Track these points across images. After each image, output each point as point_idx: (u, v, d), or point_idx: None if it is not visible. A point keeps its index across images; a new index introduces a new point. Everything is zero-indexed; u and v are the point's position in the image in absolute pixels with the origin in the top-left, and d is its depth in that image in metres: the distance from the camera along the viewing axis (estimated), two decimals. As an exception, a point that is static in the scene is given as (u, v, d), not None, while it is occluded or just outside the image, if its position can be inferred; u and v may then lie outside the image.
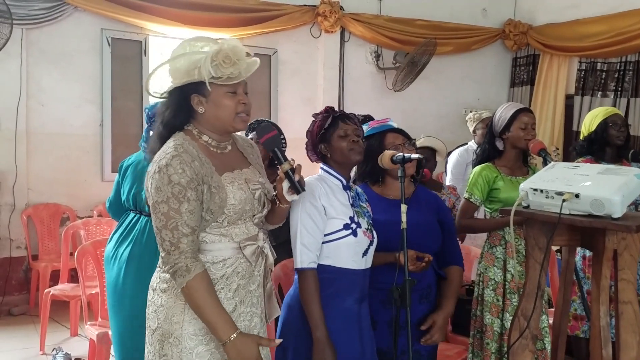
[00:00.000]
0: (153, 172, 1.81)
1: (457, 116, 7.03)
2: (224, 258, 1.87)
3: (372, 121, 2.52)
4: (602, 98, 6.41)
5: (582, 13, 6.57)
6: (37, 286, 5.13)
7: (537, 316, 2.04)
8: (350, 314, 2.19)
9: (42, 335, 4.21)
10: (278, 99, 6.38)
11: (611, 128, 3.33)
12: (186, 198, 1.77)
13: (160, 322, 1.86)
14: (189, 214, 1.77)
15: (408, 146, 2.45)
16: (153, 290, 1.93)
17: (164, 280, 1.88)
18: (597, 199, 1.80)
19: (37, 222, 5.30)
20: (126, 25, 5.59)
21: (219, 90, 1.85)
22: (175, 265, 1.78)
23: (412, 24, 6.77)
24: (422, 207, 2.49)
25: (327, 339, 2.06)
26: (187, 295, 1.79)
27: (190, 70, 1.81)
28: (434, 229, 2.48)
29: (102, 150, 5.62)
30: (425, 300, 2.44)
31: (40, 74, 5.35)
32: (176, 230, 1.77)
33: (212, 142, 1.92)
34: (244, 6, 5.95)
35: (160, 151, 1.85)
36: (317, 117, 2.30)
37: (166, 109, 1.91)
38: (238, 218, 1.88)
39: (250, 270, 1.92)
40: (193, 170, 1.79)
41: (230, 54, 1.80)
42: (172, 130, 1.89)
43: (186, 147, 1.83)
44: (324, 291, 2.11)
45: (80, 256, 3.52)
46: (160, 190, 1.78)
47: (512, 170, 3.06)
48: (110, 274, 3.05)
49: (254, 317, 1.96)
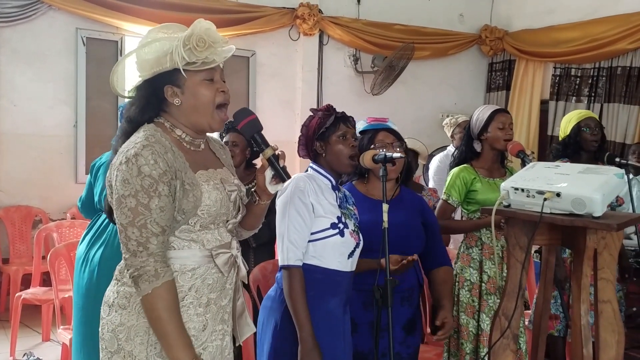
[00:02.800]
0: (119, 163, 1.61)
1: (434, 120, 7.08)
2: (194, 267, 1.69)
3: (371, 117, 2.51)
4: (577, 103, 6.51)
5: (557, 19, 6.68)
6: (7, 290, 5.02)
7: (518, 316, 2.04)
8: (334, 316, 2.17)
9: (13, 340, 4.10)
10: (256, 101, 6.35)
11: (584, 132, 3.36)
12: (157, 193, 1.58)
13: (122, 343, 1.65)
14: (160, 211, 1.59)
15: (397, 147, 2.43)
16: (109, 306, 1.69)
17: (124, 295, 1.67)
18: (578, 197, 1.81)
19: (8, 225, 5.17)
20: (102, 25, 5.51)
21: (194, 78, 1.69)
22: (141, 269, 1.57)
23: (390, 28, 6.80)
24: (406, 208, 2.48)
25: (313, 338, 2.04)
26: (148, 304, 1.58)
27: (161, 57, 1.66)
28: (417, 230, 2.47)
29: (76, 151, 5.51)
30: (407, 302, 2.43)
31: (12, 74, 5.24)
32: (144, 229, 1.57)
33: (185, 137, 1.74)
34: (222, 7, 5.92)
35: (128, 142, 1.66)
36: (316, 112, 2.26)
37: (132, 104, 1.74)
38: (211, 222, 1.71)
39: (222, 282, 1.75)
40: (166, 162, 1.61)
41: (204, 36, 1.66)
42: (138, 126, 1.71)
43: (158, 138, 1.66)
44: (309, 291, 2.08)
45: (53, 259, 3.45)
46: (127, 182, 1.58)
47: (490, 172, 3.07)
48: (81, 277, 2.97)
49: (225, 335, 1.79)
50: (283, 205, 2.13)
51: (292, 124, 6.49)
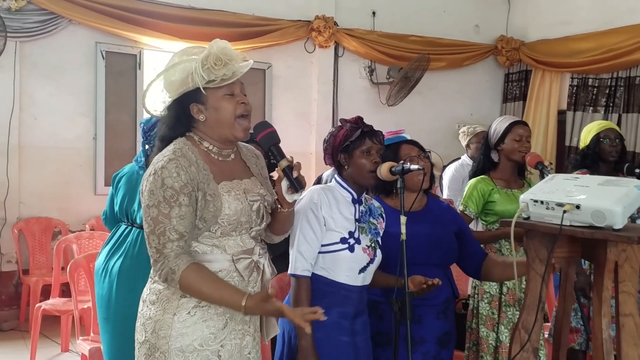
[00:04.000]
0: (148, 174, 1.79)
1: (450, 131, 7.06)
2: (216, 270, 1.81)
3: (387, 132, 2.51)
4: (594, 113, 6.46)
5: (574, 30, 6.65)
6: (27, 301, 5.07)
7: (538, 329, 2.02)
8: (341, 327, 2.16)
9: (33, 351, 4.14)
10: (272, 113, 6.38)
11: (603, 143, 3.34)
12: (178, 203, 1.74)
13: (148, 335, 1.81)
14: (179, 219, 1.74)
15: (423, 158, 2.43)
16: (143, 301, 1.88)
17: (154, 292, 1.83)
18: (598, 209, 1.79)
19: (29, 236, 5.24)
20: (121, 39, 5.59)
21: (216, 94, 1.83)
22: (162, 272, 1.75)
23: (405, 39, 6.82)
24: (434, 219, 2.46)
25: (312, 347, 2.05)
26: (186, 292, 1.76)
27: (184, 79, 1.81)
28: (446, 242, 2.43)
29: (95, 164, 5.58)
30: (443, 315, 2.40)
31: (33, 87, 5.33)
32: (163, 236, 1.74)
33: (213, 148, 1.89)
34: (239, 21, 5.98)
35: (159, 154, 1.83)
36: (345, 124, 2.25)
37: (163, 123, 1.90)
38: (233, 229, 1.83)
39: (243, 286, 1.84)
40: (189, 175, 1.76)
41: (221, 55, 1.79)
42: (169, 142, 1.86)
43: (185, 152, 1.81)
44: (315, 301, 2.08)
45: (73, 270, 3.48)
46: (152, 193, 1.75)
47: (508, 182, 3.06)
48: (101, 288, 3.00)
49: (245, 335, 1.89)
50: (297, 216, 2.14)
51: (307, 136, 6.52)
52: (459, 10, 7.25)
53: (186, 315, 1.79)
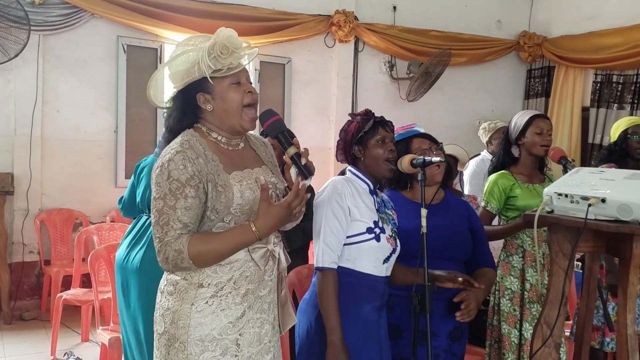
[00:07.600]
0: (156, 167, 1.78)
1: (471, 127, 6.98)
2: (231, 260, 1.80)
3: (399, 127, 2.49)
4: (618, 110, 6.35)
5: (598, 25, 6.54)
6: (48, 291, 5.15)
7: (561, 324, 1.99)
8: (369, 320, 2.14)
9: (54, 340, 4.19)
10: (292, 108, 6.38)
11: (630, 139, 3.28)
12: (184, 195, 1.72)
13: (167, 326, 1.80)
14: (184, 210, 1.72)
15: (435, 150, 2.39)
16: (161, 292, 1.87)
17: (171, 282, 1.82)
18: (624, 203, 1.76)
19: (50, 227, 5.30)
20: (142, 33, 5.62)
21: (222, 83, 1.82)
22: (168, 259, 1.72)
23: (426, 34, 6.77)
24: (451, 213, 2.44)
25: (342, 343, 2.02)
26: (201, 260, 1.74)
27: (190, 69, 1.80)
28: (462, 236, 2.41)
29: (116, 156, 5.63)
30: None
31: (56, 80, 5.38)
32: (166, 226, 1.72)
33: (221, 139, 1.88)
34: (259, 15, 5.97)
35: (167, 147, 1.82)
36: (354, 117, 2.25)
37: (169, 115, 1.88)
38: (246, 219, 1.81)
39: (259, 275, 1.85)
40: (196, 167, 1.75)
41: (227, 44, 1.78)
42: (177, 134, 1.85)
43: (192, 144, 1.79)
44: (343, 295, 2.07)
45: (94, 260, 3.51)
46: (159, 185, 1.74)
47: (530, 177, 3.02)
48: (121, 279, 3.02)
49: (264, 323, 1.88)
50: (320, 207, 2.13)
51: (326, 131, 6.50)
52: (481, 5, 7.18)
53: (204, 305, 1.78)
